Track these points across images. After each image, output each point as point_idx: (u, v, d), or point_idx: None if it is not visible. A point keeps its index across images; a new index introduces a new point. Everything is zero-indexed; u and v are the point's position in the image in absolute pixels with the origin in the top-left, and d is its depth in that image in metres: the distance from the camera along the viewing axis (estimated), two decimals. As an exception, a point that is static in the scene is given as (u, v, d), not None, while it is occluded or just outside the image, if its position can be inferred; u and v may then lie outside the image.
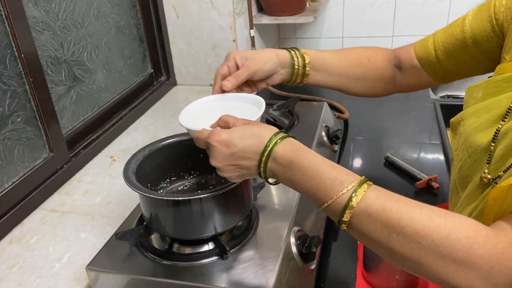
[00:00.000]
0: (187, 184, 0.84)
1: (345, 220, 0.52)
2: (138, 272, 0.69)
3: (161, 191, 0.82)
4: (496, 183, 0.56)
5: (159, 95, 1.47)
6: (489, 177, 0.57)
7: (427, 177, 1.04)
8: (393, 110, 1.42)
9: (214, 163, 0.61)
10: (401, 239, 0.48)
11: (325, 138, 1.10)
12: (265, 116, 1.14)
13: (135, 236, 0.73)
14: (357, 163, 1.18)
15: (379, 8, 1.79)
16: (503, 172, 0.55)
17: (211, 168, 0.63)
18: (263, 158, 0.58)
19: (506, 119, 0.57)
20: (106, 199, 0.97)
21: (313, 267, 0.76)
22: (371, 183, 0.53)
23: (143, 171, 0.74)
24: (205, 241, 0.73)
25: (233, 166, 0.60)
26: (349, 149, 1.23)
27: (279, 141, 0.58)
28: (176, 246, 0.75)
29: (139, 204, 0.81)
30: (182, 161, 0.83)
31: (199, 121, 0.69)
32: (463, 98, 0.71)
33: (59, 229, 0.88)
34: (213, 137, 0.59)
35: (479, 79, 0.69)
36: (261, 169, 0.59)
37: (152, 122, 1.31)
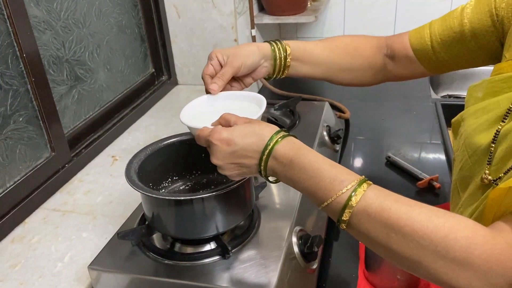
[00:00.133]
0: (188, 183, 0.85)
1: (345, 219, 0.52)
2: (140, 271, 0.69)
3: (163, 190, 0.82)
4: (497, 184, 0.56)
5: (160, 94, 1.47)
6: (489, 178, 0.58)
7: (428, 177, 1.04)
8: (394, 109, 1.43)
9: (215, 161, 0.61)
10: (400, 238, 0.49)
11: (326, 137, 1.10)
12: (266, 115, 1.14)
13: (137, 235, 0.73)
14: (358, 162, 1.18)
15: (380, 7, 1.79)
16: (504, 173, 0.55)
17: (213, 167, 0.63)
18: (264, 156, 0.58)
19: (506, 120, 0.58)
20: (107, 198, 0.97)
21: (314, 266, 0.76)
22: (371, 183, 0.54)
23: (145, 171, 0.75)
24: (207, 241, 0.73)
25: (233, 164, 0.60)
26: (350, 149, 1.23)
27: (280, 139, 0.58)
28: (178, 245, 0.75)
29: (140, 203, 0.81)
30: (184, 160, 0.83)
31: (201, 119, 0.69)
32: (464, 98, 0.71)
33: (61, 229, 0.88)
34: (214, 135, 0.60)
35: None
36: (262, 167, 0.59)
37: (153, 121, 1.31)
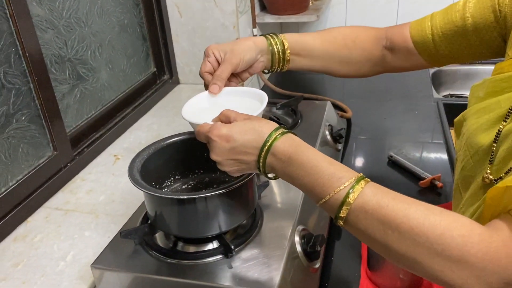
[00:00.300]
0: (191, 182, 0.85)
1: (342, 216, 0.53)
2: (142, 270, 0.69)
3: (166, 189, 0.82)
4: None
5: (162, 93, 1.47)
6: (491, 177, 0.58)
7: (430, 176, 1.04)
8: (396, 109, 1.42)
9: (214, 157, 0.61)
10: (396, 235, 0.49)
11: (328, 137, 1.10)
12: (268, 115, 1.14)
13: (139, 234, 0.73)
14: (360, 162, 1.18)
15: (382, 7, 1.79)
16: (505, 173, 0.55)
17: (215, 166, 0.63)
18: (263, 153, 0.58)
19: (507, 120, 0.58)
20: (110, 197, 0.97)
21: (317, 266, 0.76)
22: (369, 180, 0.54)
23: (147, 170, 0.74)
24: (210, 240, 0.73)
25: (233, 160, 0.60)
26: (352, 148, 1.23)
27: (279, 136, 0.58)
28: (180, 244, 0.75)
29: (143, 202, 0.81)
30: (186, 159, 0.83)
31: (202, 115, 0.69)
32: (467, 97, 0.71)
33: (63, 228, 0.88)
34: (213, 131, 0.60)
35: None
36: (261, 164, 0.59)
37: (155, 120, 1.31)
